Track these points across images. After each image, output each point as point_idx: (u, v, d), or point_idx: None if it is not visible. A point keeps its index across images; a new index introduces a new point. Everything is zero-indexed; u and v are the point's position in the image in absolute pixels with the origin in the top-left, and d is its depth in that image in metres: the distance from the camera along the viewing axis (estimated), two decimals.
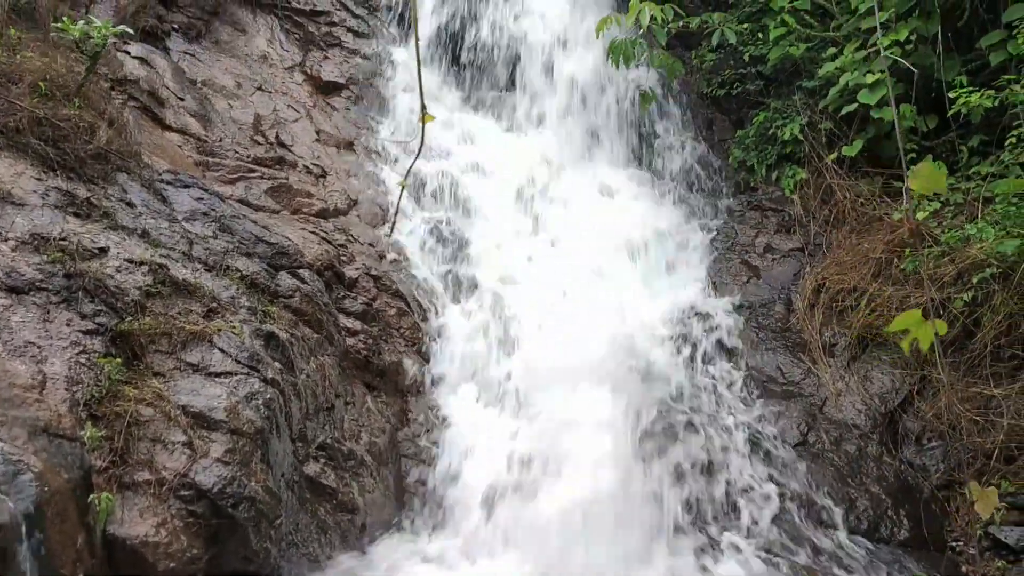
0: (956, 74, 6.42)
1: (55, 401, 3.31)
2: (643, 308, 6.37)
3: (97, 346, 3.69)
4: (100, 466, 3.29)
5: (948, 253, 5.65)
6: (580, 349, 5.67)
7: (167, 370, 3.86)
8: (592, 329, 5.83)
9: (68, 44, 5.78)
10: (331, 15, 8.68)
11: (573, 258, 6.75)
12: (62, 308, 3.73)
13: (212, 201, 5.41)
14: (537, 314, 6.14)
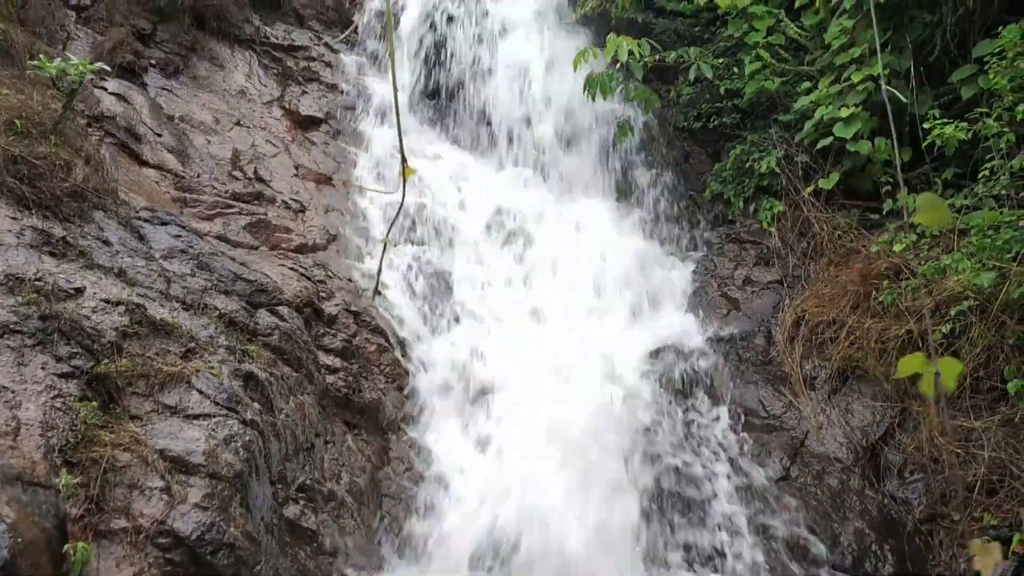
0: (929, 108, 6.52)
1: (29, 448, 3.24)
2: (623, 341, 6.37)
3: (73, 390, 3.62)
4: (75, 514, 3.21)
5: (925, 285, 5.69)
6: (561, 384, 5.65)
7: (144, 413, 3.80)
8: (573, 364, 5.81)
9: (45, 81, 5.75)
10: (309, 50, 8.70)
11: (553, 291, 6.76)
12: (37, 351, 3.66)
13: (190, 238, 5.36)
14: (518, 348, 6.11)
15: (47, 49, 6.71)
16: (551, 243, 7.26)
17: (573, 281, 6.96)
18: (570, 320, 6.51)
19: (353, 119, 8.24)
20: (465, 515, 5.06)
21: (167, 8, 7.88)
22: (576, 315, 6.63)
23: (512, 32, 8.80)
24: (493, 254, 7.15)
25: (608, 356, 6.13)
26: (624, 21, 8.73)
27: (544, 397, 5.73)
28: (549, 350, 6.09)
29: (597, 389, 5.68)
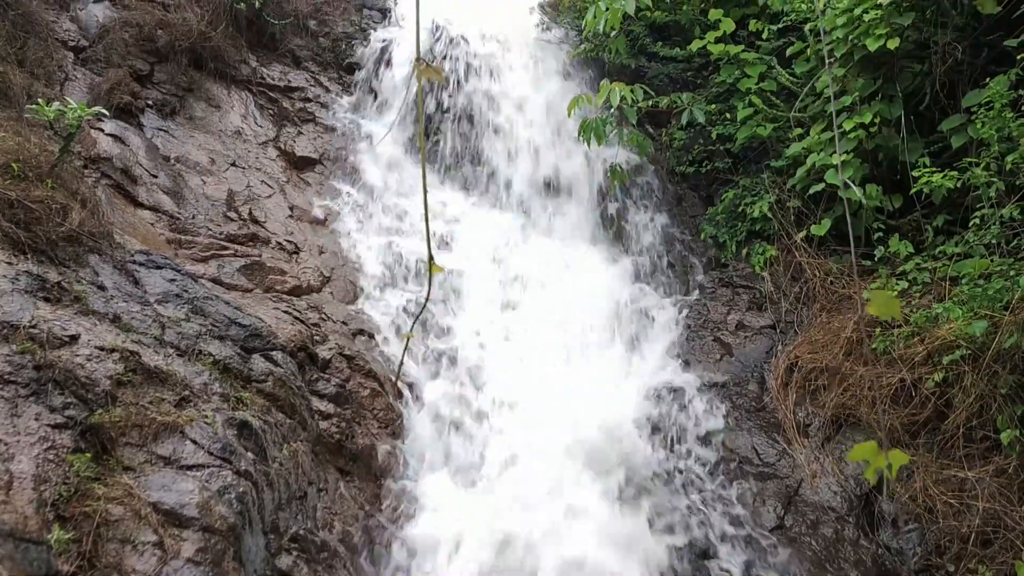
0: (919, 156, 6.59)
1: (22, 502, 3.21)
2: (618, 387, 6.37)
3: (66, 441, 3.60)
4: (68, 571, 3.17)
5: (917, 333, 5.73)
6: (556, 432, 5.64)
7: (138, 464, 3.77)
8: (568, 410, 5.81)
9: (42, 123, 5.77)
10: (305, 91, 8.77)
11: (548, 335, 6.77)
12: (31, 401, 3.64)
13: (185, 282, 5.36)
14: (512, 393, 6.10)
15: (45, 90, 6.74)
16: (544, 286, 7.28)
17: (566, 324, 6.98)
18: (565, 363, 6.51)
19: (348, 160, 8.27)
20: (456, 563, 5.02)
21: (165, 49, 7.94)
22: (569, 359, 6.64)
23: (505, 75, 8.88)
24: (487, 296, 7.16)
25: (604, 401, 6.12)
26: (617, 66, 8.84)
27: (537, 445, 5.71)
28: (544, 393, 6.08)
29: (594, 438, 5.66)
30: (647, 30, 9.01)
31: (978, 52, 6.61)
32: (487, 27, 9.29)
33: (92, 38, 7.72)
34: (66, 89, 7.13)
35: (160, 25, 7.97)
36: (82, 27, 7.76)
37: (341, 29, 9.37)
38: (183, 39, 8.00)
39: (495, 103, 8.69)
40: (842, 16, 6.91)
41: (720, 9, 7.92)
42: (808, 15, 7.64)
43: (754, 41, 8.03)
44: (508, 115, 8.62)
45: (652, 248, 7.84)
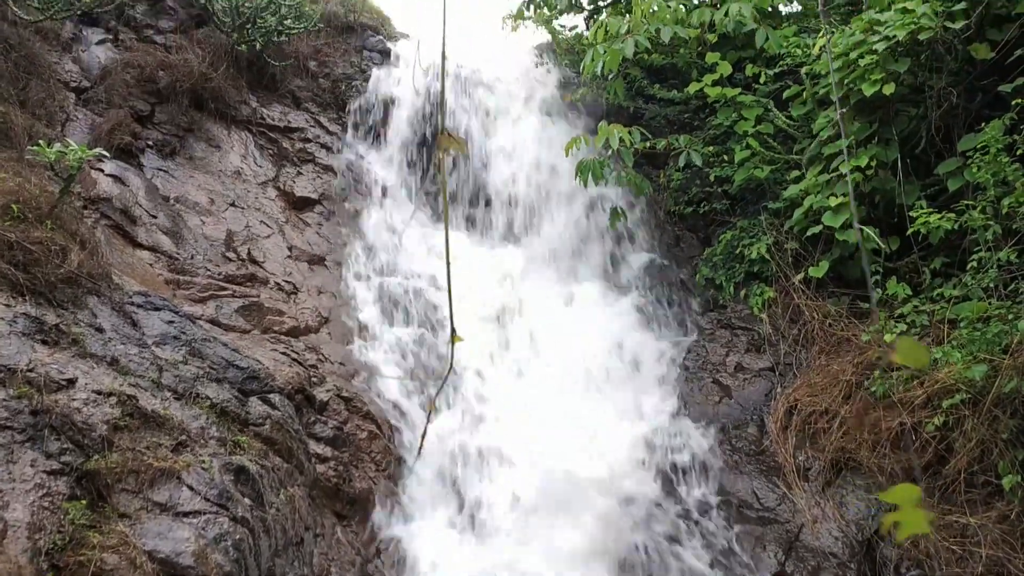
0: (916, 198, 6.63)
1: (15, 551, 3.17)
2: (617, 430, 6.33)
3: (62, 488, 3.56)
4: None
5: (916, 376, 5.71)
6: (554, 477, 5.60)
7: (133, 511, 3.73)
8: (565, 455, 5.77)
9: (43, 163, 5.79)
10: (305, 131, 8.82)
11: (546, 378, 6.75)
12: (27, 447, 3.61)
13: (183, 324, 5.35)
14: (510, 438, 6.07)
15: (46, 131, 6.78)
16: (542, 326, 7.28)
17: (564, 365, 6.96)
18: (563, 406, 6.48)
19: (347, 200, 8.31)
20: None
21: (166, 90, 8.00)
22: (570, 400, 6.60)
23: (505, 118, 8.94)
24: (485, 337, 7.15)
25: (603, 443, 6.09)
26: (615, 107, 8.91)
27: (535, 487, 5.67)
28: (542, 439, 6.04)
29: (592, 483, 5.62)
30: (644, 73, 9.10)
31: (973, 96, 6.68)
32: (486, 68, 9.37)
33: (94, 79, 7.78)
34: (67, 129, 7.17)
35: (162, 66, 8.04)
36: (84, 68, 7.82)
37: (341, 70, 9.45)
38: (184, 80, 8.07)
39: (493, 138, 8.75)
40: (838, 61, 6.98)
41: (717, 53, 8.01)
42: (804, 59, 7.73)
43: (751, 84, 8.11)
44: (506, 152, 8.67)
45: (650, 288, 7.85)
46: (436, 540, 5.40)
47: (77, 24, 8.05)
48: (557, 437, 6.06)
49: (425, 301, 7.33)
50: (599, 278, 8.00)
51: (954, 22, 6.38)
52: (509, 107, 9.03)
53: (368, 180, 8.50)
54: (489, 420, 6.27)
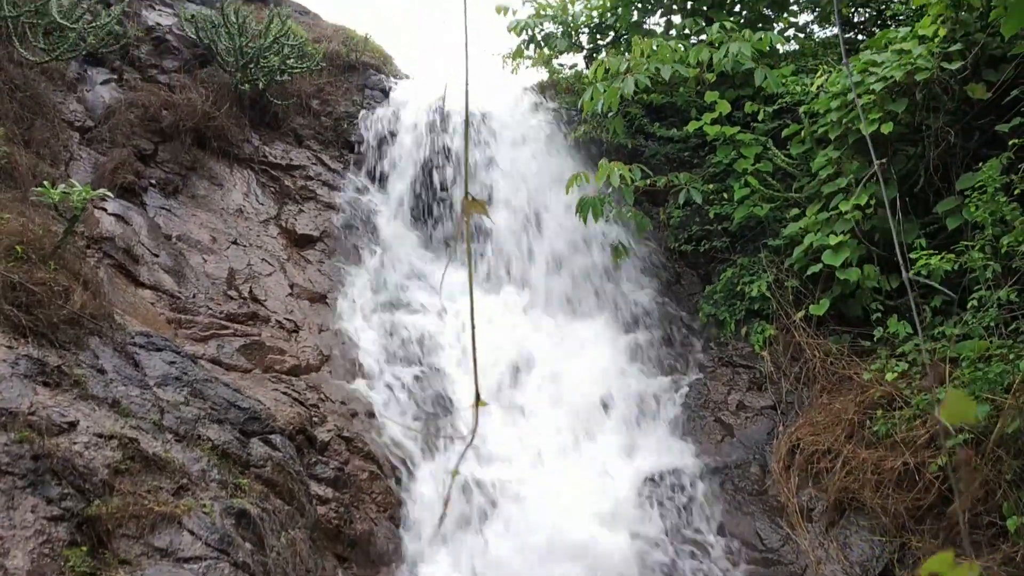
0: (915, 237, 6.65)
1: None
2: (619, 470, 6.31)
3: (63, 534, 3.54)
4: None
5: (919, 416, 5.70)
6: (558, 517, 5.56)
7: (134, 557, 3.71)
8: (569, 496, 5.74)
9: (47, 203, 5.82)
10: (307, 169, 8.87)
11: (548, 417, 6.73)
12: (28, 493, 3.59)
13: (184, 364, 5.34)
14: (513, 478, 6.04)
15: (50, 170, 6.82)
16: (545, 365, 7.27)
17: (565, 404, 6.94)
18: (566, 445, 6.46)
19: (349, 238, 8.34)
20: None
21: (169, 129, 8.05)
22: (570, 440, 6.58)
23: (505, 155, 9.00)
24: (486, 376, 7.13)
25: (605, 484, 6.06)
26: (614, 144, 8.97)
27: (539, 526, 5.63)
28: (544, 478, 6.02)
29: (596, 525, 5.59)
30: (644, 110, 9.18)
31: (970, 136, 6.74)
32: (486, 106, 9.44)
33: (98, 118, 7.84)
34: (71, 168, 7.21)
35: (165, 106, 8.10)
36: (88, 108, 7.88)
37: (343, 108, 9.53)
38: (187, 119, 8.13)
39: (493, 173, 8.80)
40: (836, 100, 7.06)
41: (716, 91, 8.09)
42: (803, 98, 7.81)
43: (750, 122, 8.17)
44: (506, 192, 8.71)
45: (651, 326, 7.85)
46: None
47: (82, 64, 8.12)
48: (558, 476, 6.03)
49: (426, 338, 7.33)
50: (600, 315, 8.00)
51: (950, 63, 6.46)
52: (510, 145, 9.09)
53: (369, 217, 8.54)
54: (490, 459, 6.24)
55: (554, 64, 10.28)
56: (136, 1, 8.98)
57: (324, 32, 10.37)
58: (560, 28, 10.05)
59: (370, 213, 8.57)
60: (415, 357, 7.18)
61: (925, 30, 6.65)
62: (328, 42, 9.95)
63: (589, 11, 10.04)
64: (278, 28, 8.61)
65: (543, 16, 9.95)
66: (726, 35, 8.13)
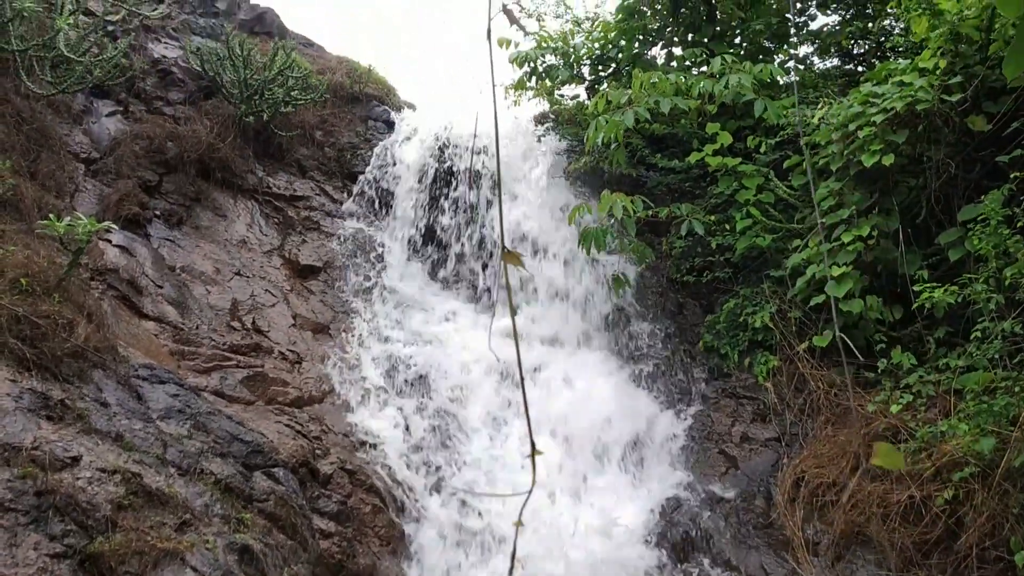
0: (918, 268, 6.65)
1: None
2: (624, 503, 6.27)
3: (65, 571, 3.52)
4: None
5: (924, 448, 5.67)
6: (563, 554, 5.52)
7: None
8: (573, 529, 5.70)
9: (52, 235, 5.84)
10: (310, 199, 8.91)
11: (552, 448, 6.69)
12: (31, 530, 3.58)
13: (187, 397, 5.33)
14: (516, 509, 6.00)
15: (55, 202, 6.85)
16: (546, 396, 7.24)
17: (569, 436, 6.92)
18: (572, 478, 6.43)
19: (352, 268, 8.35)
20: None
21: (174, 160, 8.10)
22: (574, 472, 6.55)
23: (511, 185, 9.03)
24: (490, 406, 7.12)
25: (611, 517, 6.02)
26: (616, 175, 9.00)
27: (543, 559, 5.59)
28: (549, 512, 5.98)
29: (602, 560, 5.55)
30: (646, 141, 9.21)
31: (971, 167, 6.76)
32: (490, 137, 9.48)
33: (104, 150, 7.88)
34: (76, 200, 7.25)
35: (170, 137, 8.15)
36: (94, 140, 7.93)
37: (347, 139, 9.59)
38: (192, 150, 8.18)
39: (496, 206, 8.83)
40: (837, 132, 7.09)
41: (717, 123, 8.12)
42: (804, 129, 7.82)
43: (751, 153, 8.20)
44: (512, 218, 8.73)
45: (654, 356, 7.84)
46: None
47: (88, 96, 8.18)
48: (563, 508, 5.99)
49: (428, 368, 7.31)
50: (603, 346, 8.00)
51: (951, 95, 6.50)
52: (515, 175, 9.12)
53: (371, 247, 8.57)
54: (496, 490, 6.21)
55: (556, 95, 10.35)
56: (142, 34, 9.06)
57: (328, 63, 10.46)
58: (562, 60, 10.11)
59: (373, 243, 8.60)
60: (418, 388, 7.17)
61: (925, 62, 6.70)
62: (332, 73, 10.03)
63: (591, 43, 10.12)
64: (283, 60, 8.69)
65: (545, 49, 10.02)
66: (727, 67, 8.18)
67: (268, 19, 10.68)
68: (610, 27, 10.12)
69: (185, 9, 9.90)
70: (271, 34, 10.53)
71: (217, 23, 9.95)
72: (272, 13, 10.80)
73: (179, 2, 9.78)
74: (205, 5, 10.13)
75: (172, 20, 9.43)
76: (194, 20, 9.79)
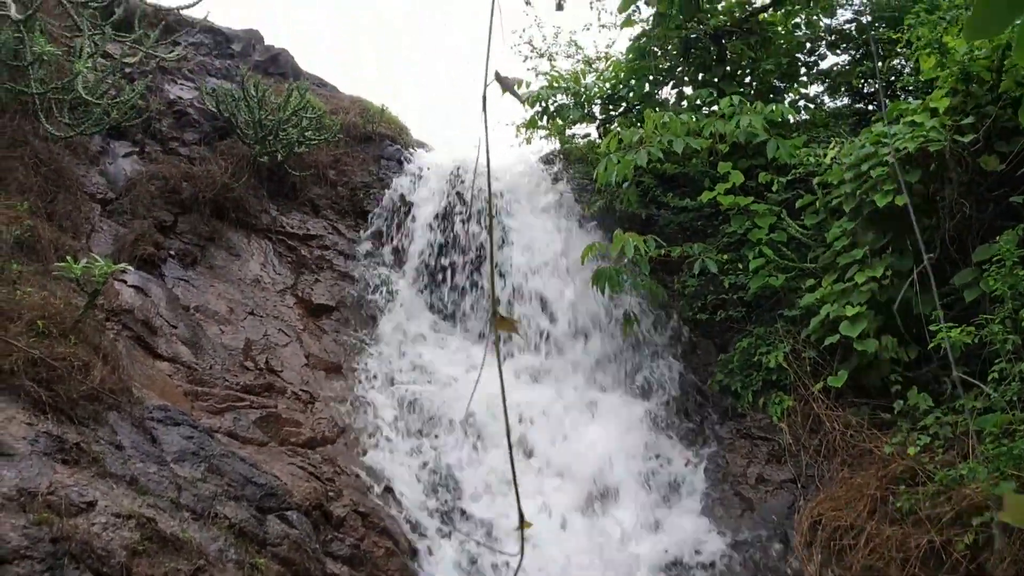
0: (932, 308, 6.62)
1: None
2: (637, 545, 6.21)
3: None
4: None
5: (943, 492, 5.61)
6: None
7: None
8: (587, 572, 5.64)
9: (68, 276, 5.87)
10: (323, 239, 8.95)
11: (566, 489, 6.65)
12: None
13: (202, 439, 5.33)
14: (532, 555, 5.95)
15: (72, 242, 6.90)
16: (559, 438, 7.21)
17: (582, 476, 6.87)
18: (586, 519, 6.37)
19: (364, 307, 8.37)
20: None
21: (189, 200, 8.16)
22: (587, 516, 6.50)
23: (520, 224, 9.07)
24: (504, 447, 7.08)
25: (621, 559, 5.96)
26: (628, 213, 9.01)
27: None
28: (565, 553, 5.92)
29: None
30: (657, 180, 9.24)
31: (985, 207, 6.75)
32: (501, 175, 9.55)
33: (119, 190, 7.95)
34: (92, 241, 7.30)
35: (185, 177, 8.22)
36: (110, 180, 8.01)
37: (359, 179, 9.65)
38: (207, 190, 8.24)
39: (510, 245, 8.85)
40: (849, 172, 7.10)
41: (729, 162, 8.14)
42: (816, 168, 7.85)
43: (763, 191, 8.21)
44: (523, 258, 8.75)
45: (667, 396, 7.80)
46: None
47: (105, 137, 8.27)
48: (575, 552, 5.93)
49: (441, 409, 7.29)
50: (616, 386, 7.97)
51: (963, 136, 6.51)
52: (525, 214, 9.17)
53: (384, 287, 8.58)
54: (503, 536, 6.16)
55: (566, 134, 10.42)
56: (159, 75, 9.17)
57: (341, 103, 10.56)
58: (573, 99, 10.20)
59: (385, 283, 8.62)
60: (430, 428, 7.14)
61: (937, 103, 6.72)
62: (345, 113, 10.12)
63: (602, 83, 10.21)
64: (297, 101, 8.77)
65: (556, 88, 10.11)
66: (737, 108, 8.23)
67: (282, 60, 10.81)
68: (621, 67, 10.21)
69: (201, 51, 10.03)
70: (285, 75, 10.65)
71: (232, 64, 10.07)
72: (286, 54, 10.93)
73: (195, 44, 9.91)
74: (220, 47, 10.27)
75: (188, 62, 9.55)
76: (210, 62, 9.92)
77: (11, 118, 7.15)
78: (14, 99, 7.15)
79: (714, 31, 9.63)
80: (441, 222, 9.05)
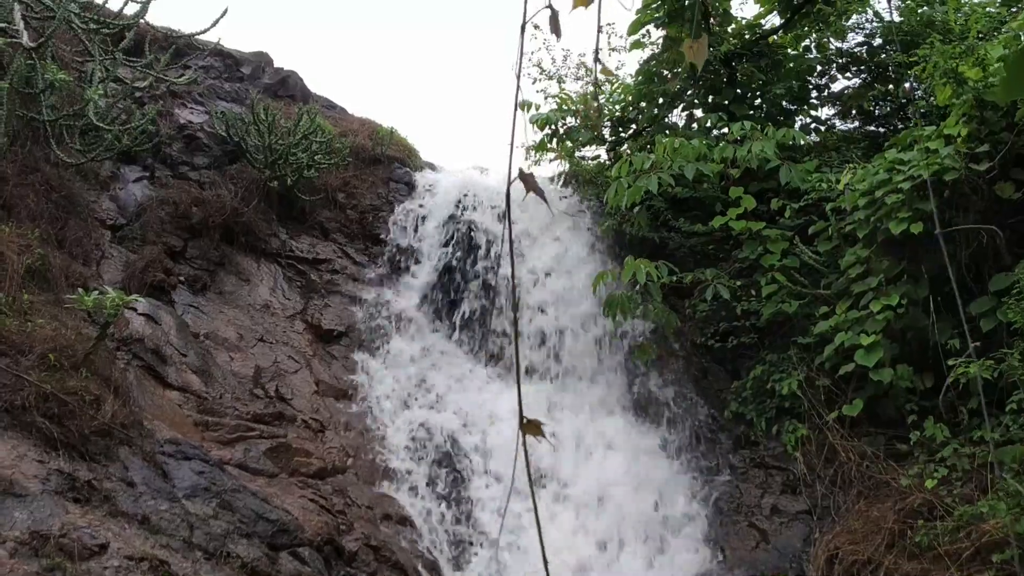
0: (948, 336, 6.55)
1: None
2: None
3: None
4: None
5: (963, 527, 5.54)
6: None
7: None
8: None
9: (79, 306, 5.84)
10: (333, 263, 8.92)
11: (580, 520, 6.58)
12: None
13: (213, 474, 5.29)
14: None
15: (82, 269, 6.88)
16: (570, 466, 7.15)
17: (593, 506, 6.80)
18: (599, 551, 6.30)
19: (374, 331, 8.32)
20: None
21: (199, 225, 8.14)
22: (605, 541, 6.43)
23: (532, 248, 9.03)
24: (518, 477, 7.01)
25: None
26: (639, 237, 8.95)
27: None
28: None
29: None
30: (668, 204, 9.18)
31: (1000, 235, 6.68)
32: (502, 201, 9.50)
33: (130, 216, 7.94)
34: (102, 267, 7.27)
35: (195, 202, 8.20)
36: (121, 206, 7.99)
37: (368, 201, 9.62)
38: (217, 215, 8.22)
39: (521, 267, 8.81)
40: (863, 198, 7.05)
41: (740, 187, 8.09)
42: (828, 194, 7.78)
43: (775, 216, 8.15)
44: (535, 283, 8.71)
45: (678, 424, 7.73)
46: None
47: (115, 163, 8.26)
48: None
49: (451, 437, 7.24)
50: (626, 412, 7.90)
51: (978, 164, 6.46)
52: (536, 237, 9.13)
53: (394, 312, 8.54)
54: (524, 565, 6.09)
55: (576, 156, 10.37)
56: (169, 99, 9.17)
57: (350, 126, 10.53)
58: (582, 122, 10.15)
59: (395, 308, 8.57)
60: (440, 457, 7.09)
61: (951, 129, 6.67)
62: (354, 136, 10.10)
63: (612, 106, 10.17)
64: (307, 125, 8.76)
65: (566, 111, 10.08)
66: (747, 132, 8.18)
67: (292, 83, 10.80)
68: (630, 89, 10.18)
69: (211, 74, 10.03)
70: (295, 97, 10.64)
71: (242, 87, 10.07)
72: (296, 76, 10.92)
73: (205, 68, 9.91)
74: (230, 70, 10.27)
75: (198, 86, 9.55)
76: (219, 85, 9.92)
77: (22, 145, 7.13)
78: (26, 126, 7.14)
79: (724, 54, 9.59)
80: (451, 248, 9.01)
